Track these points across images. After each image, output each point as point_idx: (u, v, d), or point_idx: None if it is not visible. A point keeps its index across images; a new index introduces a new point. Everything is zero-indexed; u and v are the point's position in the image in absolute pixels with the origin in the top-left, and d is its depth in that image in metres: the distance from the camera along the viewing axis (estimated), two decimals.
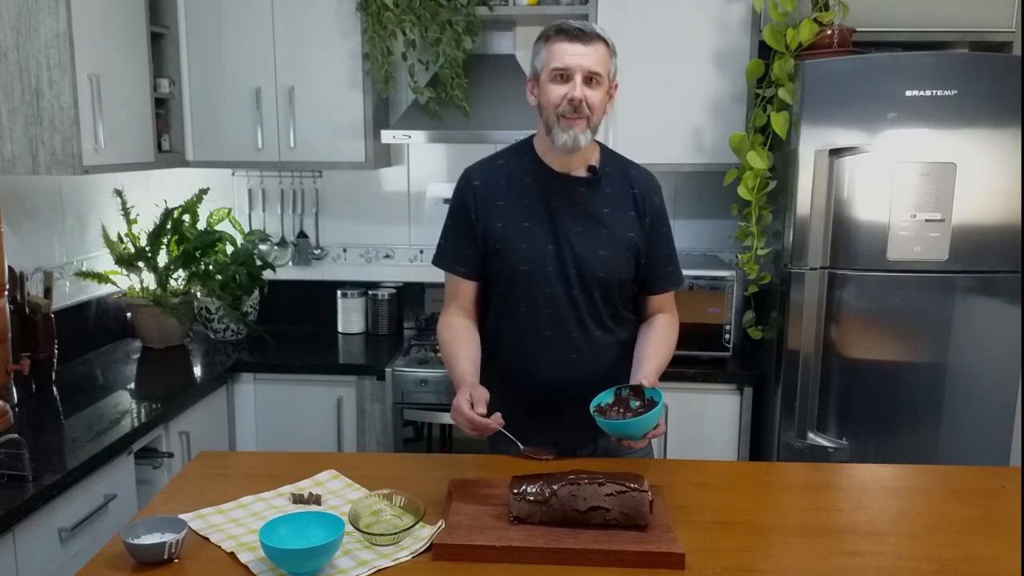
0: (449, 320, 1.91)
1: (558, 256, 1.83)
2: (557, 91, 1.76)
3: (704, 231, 3.27)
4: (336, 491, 1.65)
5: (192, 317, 3.11)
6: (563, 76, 1.75)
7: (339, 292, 3.33)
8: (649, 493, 1.46)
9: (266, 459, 1.92)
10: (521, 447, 1.72)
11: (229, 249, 3.15)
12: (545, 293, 1.84)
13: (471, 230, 1.87)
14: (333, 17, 2.93)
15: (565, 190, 1.85)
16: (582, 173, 1.86)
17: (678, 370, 2.73)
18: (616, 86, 1.84)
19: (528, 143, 1.91)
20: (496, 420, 1.65)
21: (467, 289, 1.92)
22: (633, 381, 1.78)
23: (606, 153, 1.92)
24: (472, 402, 1.67)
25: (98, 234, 3.00)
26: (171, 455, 2.43)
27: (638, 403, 1.70)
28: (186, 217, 3.09)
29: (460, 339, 1.86)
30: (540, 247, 1.83)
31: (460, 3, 2.86)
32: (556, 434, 1.90)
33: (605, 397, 1.71)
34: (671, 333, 1.93)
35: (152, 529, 1.41)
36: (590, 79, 1.75)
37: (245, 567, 1.36)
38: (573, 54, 1.74)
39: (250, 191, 3.39)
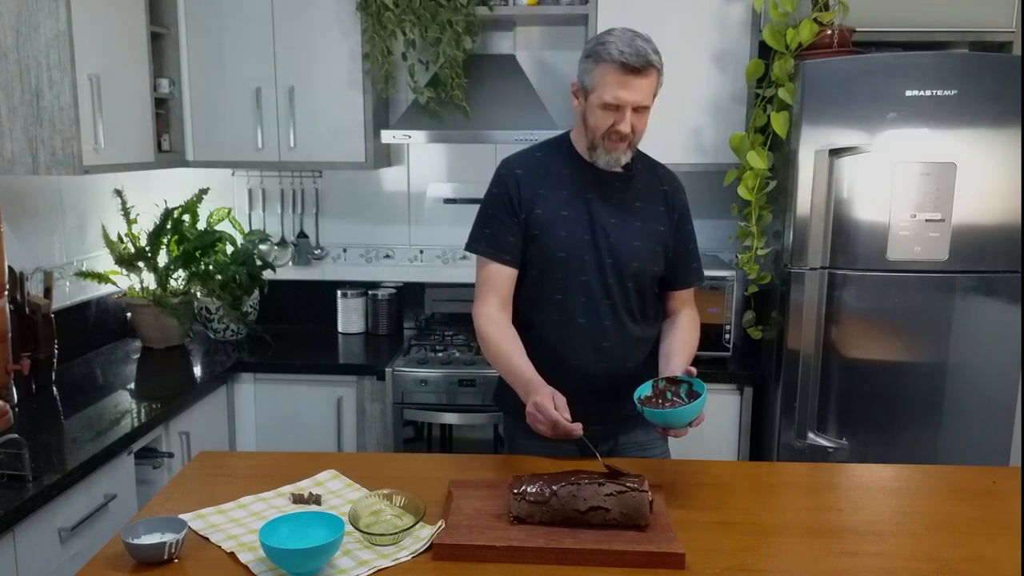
0: (494, 316, 1.88)
1: (594, 245, 1.86)
2: (605, 119, 1.78)
3: (704, 231, 3.21)
4: (336, 491, 1.65)
5: (192, 317, 3.11)
6: (614, 107, 1.76)
7: (339, 292, 3.33)
8: (649, 493, 1.46)
9: (266, 459, 1.92)
10: (599, 456, 1.64)
11: (229, 249, 3.15)
12: (580, 281, 1.86)
13: (514, 217, 1.87)
14: (333, 17, 2.93)
15: (601, 183, 1.88)
16: (617, 168, 1.88)
17: None
18: None
19: (565, 138, 1.95)
20: (578, 427, 1.64)
21: (509, 278, 1.89)
22: (665, 373, 1.79)
23: (635, 150, 1.94)
24: (555, 406, 1.65)
25: (98, 234, 3.00)
26: (171, 455, 2.43)
27: (673, 394, 1.72)
28: (186, 217, 3.09)
29: (512, 338, 1.84)
30: (577, 235, 1.86)
31: (460, 3, 2.85)
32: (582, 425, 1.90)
33: (643, 390, 1.72)
34: (696, 330, 1.96)
35: (152, 529, 1.41)
36: (638, 108, 1.77)
37: (245, 567, 1.36)
38: (627, 89, 1.74)
39: (250, 191, 3.39)
